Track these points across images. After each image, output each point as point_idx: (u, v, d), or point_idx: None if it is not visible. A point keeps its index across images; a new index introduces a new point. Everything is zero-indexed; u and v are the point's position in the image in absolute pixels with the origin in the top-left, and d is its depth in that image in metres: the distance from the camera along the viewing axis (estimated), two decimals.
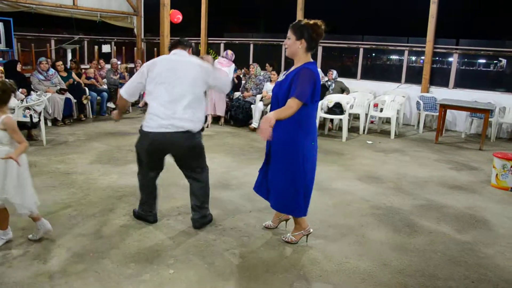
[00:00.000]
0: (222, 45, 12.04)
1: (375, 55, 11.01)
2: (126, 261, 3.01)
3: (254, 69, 8.62)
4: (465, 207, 4.39)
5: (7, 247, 3.13)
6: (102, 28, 11.76)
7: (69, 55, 10.34)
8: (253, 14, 12.53)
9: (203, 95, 3.41)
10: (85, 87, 8.47)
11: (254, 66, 8.69)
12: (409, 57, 9.74)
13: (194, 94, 3.28)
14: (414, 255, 3.29)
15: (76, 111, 8.16)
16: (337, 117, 7.63)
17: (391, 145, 7.14)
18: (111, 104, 9.23)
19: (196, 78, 3.29)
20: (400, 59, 10.12)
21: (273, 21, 11.96)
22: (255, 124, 7.90)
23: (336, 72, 8.71)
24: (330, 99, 7.69)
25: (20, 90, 6.91)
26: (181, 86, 3.24)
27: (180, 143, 3.28)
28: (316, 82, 2.94)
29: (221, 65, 7.98)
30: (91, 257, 3.05)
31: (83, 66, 10.22)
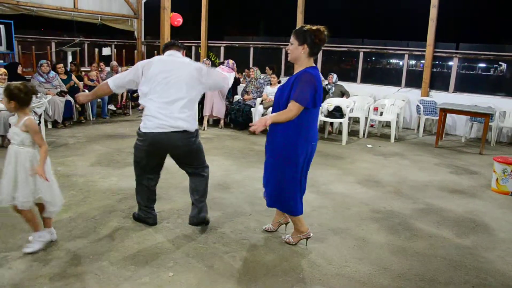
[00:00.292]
0: (222, 48, 12.07)
1: (375, 58, 11.03)
2: (125, 263, 3.01)
3: (255, 72, 8.63)
4: (465, 211, 4.39)
5: (6, 249, 3.13)
6: (102, 31, 11.80)
7: (70, 58, 10.36)
8: (253, 17, 12.57)
9: (198, 96, 3.43)
10: (84, 89, 8.47)
11: (254, 69, 8.71)
12: (409, 61, 9.76)
13: (189, 94, 3.31)
14: (414, 259, 3.29)
15: (76, 113, 8.17)
16: (337, 120, 7.63)
17: (391, 149, 7.15)
18: (111, 106, 9.25)
19: (191, 78, 3.32)
20: (400, 63, 10.13)
21: (273, 24, 12.00)
22: None
23: (336, 75, 8.72)
24: (330, 103, 7.70)
25: None
26: (177, 87, 3.26)
27: (178, 142, 3.28)
28: (317, 86, 2.95)
29: (222, 70, 8.04)
30: (90, 259, 3.04)
31: (83, 68, 10.23)
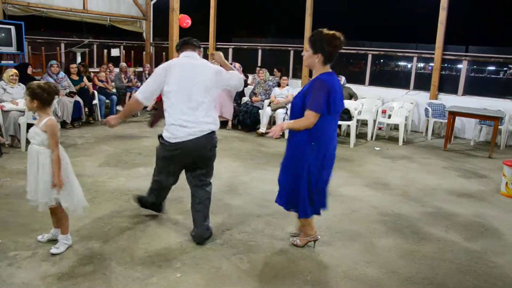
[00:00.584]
0: (230, 50, 12.09)
1: (383, 61, 10.99)
2: (133, 264, 3.02)
3: (264, 74, 8.64)
4: (474, 215, 4.36)
5: (16, 248, 3.16)
6: (111, 32, 11.87)
7: (79, 59, 10.43)
8: (261, 19, 12.57)
9: (215, 96, 3.45)
10: (94, 90, 8.54)
11: (263, 71, 8.71)
12: (418, 64, 9.71)
13: (211, 97, 3.34)
14: (422, 263, 3.27)
15: (84, 114, 8.23)
16: (345, 123, 7.61)
17: (399, 152, 7.11)
18: (120, 108, 9.30)
19: (211, 82, 3.32)
20: (408, 66, 10.08)
21: (281, 26, 11.99)
22: (262, 129, 7.91)
23: (345, 78, 8.70)
24: None
25: None
26: (198, 92, 3.25)
27: (205, 143, 3.33)
28: (330, 91, 2.91)
29: None
30: (98, 259, 3.06)
31: (92, 69, 10.30)
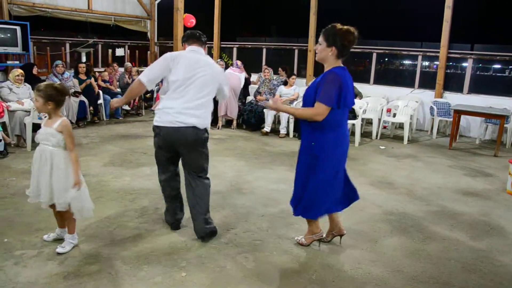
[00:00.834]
0: (234, 49, 12.08)
1: (388, 59, 10.94)
2: (138, 263, 3.03)
3: (269, 73, 8.64)
4: (479, 214, 4.33)
5: (22, 247, 3.18)
6: (116, 32, 11.89)
7: (83, 59, 10.47)
8: (265, 18, 12.56)
9: (213, 95, 3.45)
10: (99, 90, 8.57)
11: (269, 70, 8.71)
12: (423, 62, 9.67)
13: (207, 94, 3.34)
14: (427, 262, 3.26)
15: (89, 113, 8.26)
16: (350, 121, 7.58)
17: (404, 151, 7.09)
18: (125, 106, 9.33)
19: (212, 79, 3.35)
20: (413, 64, 10.04)
21: (285, 25, 11.97)
22: (267, 128, 7.91)
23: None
24: None
25: None
26: (196, 88, 3.28)
27: (186, 135, 3.27)
28: (343, 85, 2.88)
29: (233, 71, 8.58)
30: (104, 258, 3.07)
31: (96, 69, 10.33)
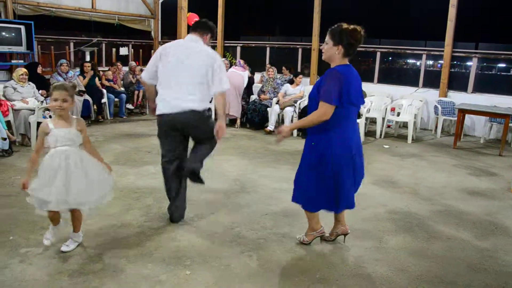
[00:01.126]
0: (238, 48, 12.07)
1: (392, 58, 10.92)
2: (143, 261, 3.04)
3: (273, 72, 8.62)
4: (484, 213, 4.32)
5: (27, 245, 3.19)
6: (120, 31, 11.91)
7: (87, 57, 10.49)
8: (269, 17, 12.55)
9: (207, 83, 3.46)
10: (103, 89, 8.59)
11: (273, 69, 8.70)
12: (427, 61, 9.63)
13: (201, 78, 3.42)
14: (432, 261, 3.25)
15: (93, 112, 8.28)
16: None
17: (408, 150, 7.07)
18: (129, 106, 9.35)
19: (202, 63, 3.42)
20: (417, 63, 10.01)
21: (289, 24, 11.96)
22: (271, 127, 7.90)
23: None
24: None
25: (40, 91, 7.05)
26: (183, 73, 3.40)
27: (188, 118, 3.43)
28: (344, 82, 2.86)
29: (236, 70, 8.61)
30: (108, 257, 3.08)
31: (100, 68, 10.35)
